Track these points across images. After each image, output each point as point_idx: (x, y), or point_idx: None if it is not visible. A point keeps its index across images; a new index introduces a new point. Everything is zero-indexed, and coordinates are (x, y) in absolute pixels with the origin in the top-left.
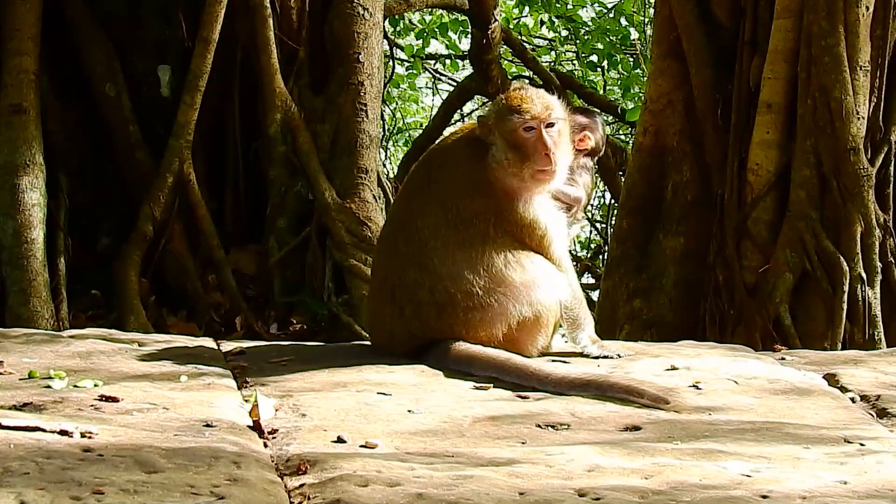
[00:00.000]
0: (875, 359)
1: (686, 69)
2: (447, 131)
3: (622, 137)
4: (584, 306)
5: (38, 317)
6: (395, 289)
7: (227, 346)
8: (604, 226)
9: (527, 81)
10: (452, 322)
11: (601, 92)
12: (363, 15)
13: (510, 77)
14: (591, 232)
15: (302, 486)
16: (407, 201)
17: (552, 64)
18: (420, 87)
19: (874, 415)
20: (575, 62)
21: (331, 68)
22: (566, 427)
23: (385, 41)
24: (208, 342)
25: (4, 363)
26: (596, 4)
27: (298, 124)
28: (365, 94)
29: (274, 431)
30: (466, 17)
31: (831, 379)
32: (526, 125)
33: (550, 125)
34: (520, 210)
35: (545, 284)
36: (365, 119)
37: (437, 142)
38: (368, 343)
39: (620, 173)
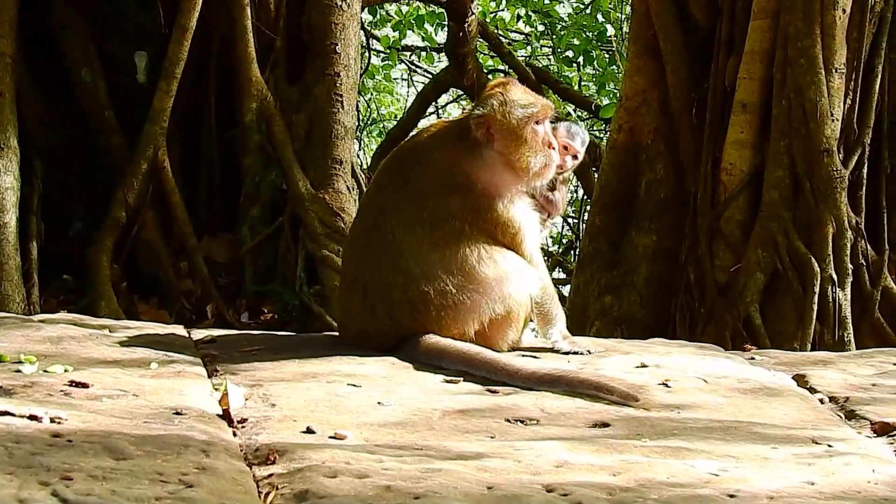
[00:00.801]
0: (844, 360)
1: (662, 67)
2: (422, 124)
3: (597, 134)
4: (555, 302)
5: (9, 301)
6: (367, 287)
7: (198, 334)
8: (576, 221)
9: (504, 75)
10: (425, 320)
11: (576, 88)
12: (341, 6)
13: (486, 71)
14: (563, 227)
15: (270, 475)
16: (380, 198)
17: (528, 59)
18: (395, 79)
19: (842, 416)
20: (550, 57)
21: (307, 59)
22: (535, 422)
23: (362, 32)
24: (179, 330)
25: None
26: (573, 0)
27: (273, 114)
28: (341, 84)
29: (243, 421)
30: (443, 10)
31: (800, 379)
32: (537, 119)
33: (550, 121)
34: (499, 208)
35: (517, 280)
36: (340, 110)
37: (409, 137)
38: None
39: (594, 169)
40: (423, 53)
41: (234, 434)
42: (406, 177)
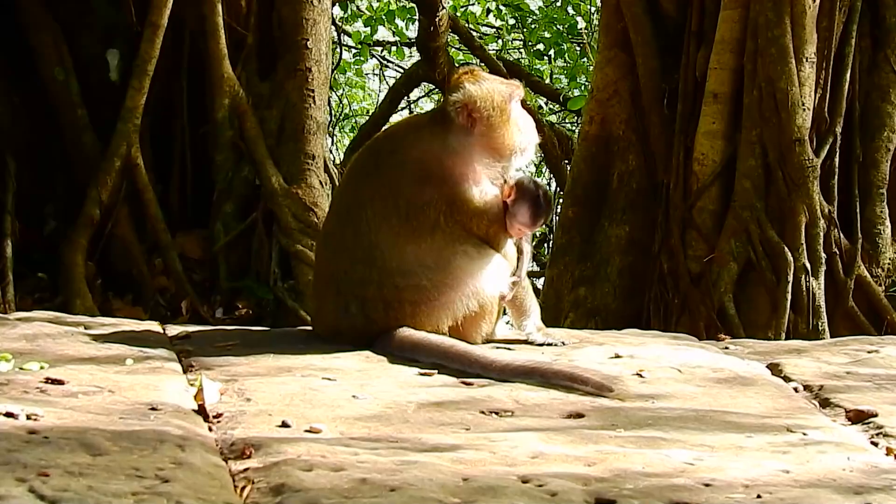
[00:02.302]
0: (818, 349)
1: (632, 59)
2: (394, 118)
3: (568, 126)
4: (529, 294)
5: None
6: (341, 284)
7: (173, 330)
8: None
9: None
10: (399, 317)
11: (547, 81)
12: (311, 1)
13: (457, 65)
14: None
15: (246, 470)
16: (354, 190)
17: (499, 52)
18: (367, 74)
19: (817, 404)
20: (522, 51)
21: (279, 54)
22: (510, 414)
23: (333, 27)
24: (154, 326)
25: None
26: None
27: (246, 110)
28: (312, 80)
29: (219, 416)
30: (414, 5)
31: (775, 368)
32: (518, 97)
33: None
34: (475, 199)
35: (491, 274)
36: (312, 105)
37: (383, 129)
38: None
39: (566, 162)
40: (395, 48)
41: (210, 429)
42: (380, 166)
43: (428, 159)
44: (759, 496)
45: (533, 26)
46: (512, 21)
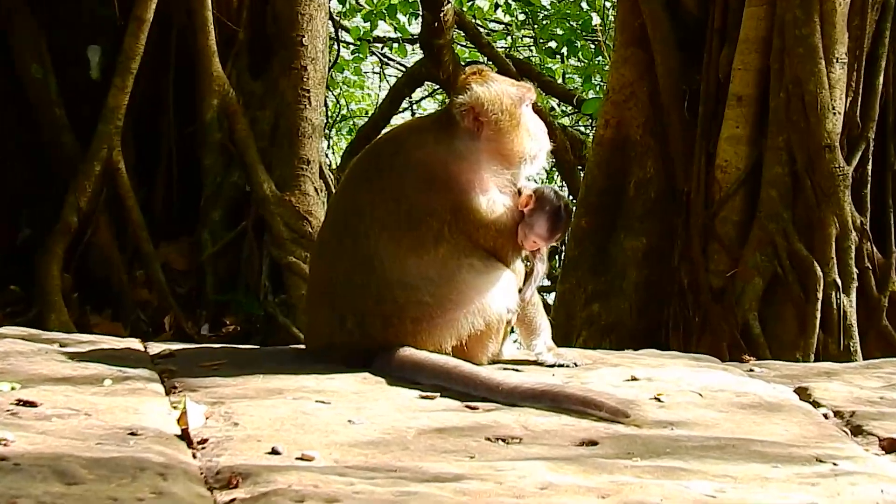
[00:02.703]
0: (850, 372)
1: (651, 58)
2: (395, 120)
3: (582, 129)
4: (540, 311)
5: None
6: (337, 297)
7: (155, 347)
8: None
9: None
10: (399, 333)
11: (560, 81)
12: None
13: (463, 63)
14: None
15: (233, 500)
16: (353, 197)
17: (508, 50)
18: (366, 73)
19: (848, 432)
20: (532, 48)
21: (272, 51)
22: (518, 441)
23: (330, 23)
24: (134, 343)
25: None
26: None
27: (236, 110)
28: (308, 79)
29: (204, 441)
30: None
31: (803, 393)
32: (526, 100)
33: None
34: (481, 208)
35: (499, 290)
36: (307, 106)
37: (384, 132)
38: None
39: (579, 168)
40: (396, 45)
41: (194, 456)
42: (381, 172)
43: (432, 165)
44: None
45: (544, 22)
46: (522, 17)
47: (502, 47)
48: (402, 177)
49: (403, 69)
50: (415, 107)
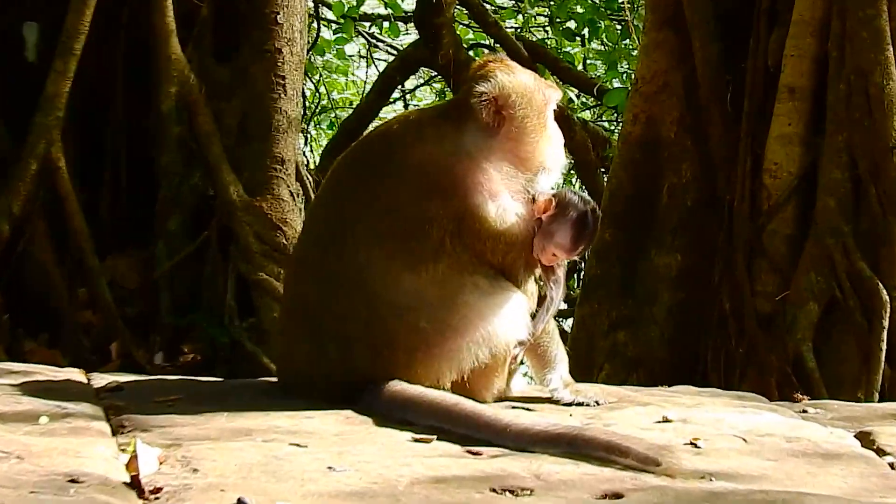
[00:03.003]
0: None
1: (687, 42)
2: (385, 113)
3: (605, 125)
4: (554, 340)
5: None
6: (317, 320)
7: (100, 379)
8: None
9: (490, 51)
10: (390, 365)
11: (580, 67)
12: None
13: (465, 46)
14: None
15: None
16: (337, 201)
17: (519, 31)
18: (351, 56)
19: None
20: (548, 29)
21: (241, 31)
22: (529, 493)
23: None
24: (76, 374)
25: None
26: None
27: (198, 100)
28: (283, 63)
29: (157, 490)
30: None
31: (865, 438)
32: (557, 102)
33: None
34: (490, 216)
35: (508, 314)
36: (282, 96)
37: (375, 127)
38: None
39: (602, 171)
40: (387, 24)
41: None
42: (373, 173)
43: (433, 166)
44: None
45: None
46: None
47: (512, 27)
48: (396, 180)
49: (395, 52)
50: (408, 97)
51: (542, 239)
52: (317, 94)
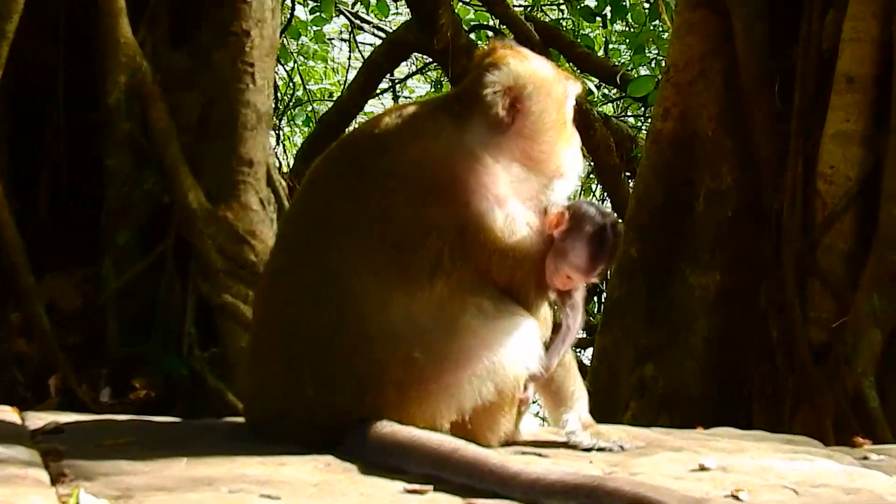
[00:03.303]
0: None
1: (727, 24)
2: (371, 108)
3: (630, 120)
4: (572, 374)
5: None
6: (293, 353)
7: (37, 419)
8: None
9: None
10: (378, 403)
11: (601, 53)
12: None
13: (466, 28)
14: None
15: None
16: (316, 209)
17: (529, 10)
18: (331, 40)
19: None
20: (563, 8)
21: (202, 11)
22: None
23: None
24: (8, 413)
25: None
26: None
27: (152, 92)
28: (252, 48)
29: None
30: None
31: None
32: (575, 96)
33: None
34: (497, 227)
35: (516, 342)
36: (250, 86)
37: (364, 123)
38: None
39: (627, 175)
40: (373, 2)
41: None
42: (360, 174)
43: (431, 164)
44: None
45: None
46: None
47: (521, 6)
48: (387, 182)
49: (383, 36)
50: (398, 88)
51: (555, 259)
52: (290, 84)
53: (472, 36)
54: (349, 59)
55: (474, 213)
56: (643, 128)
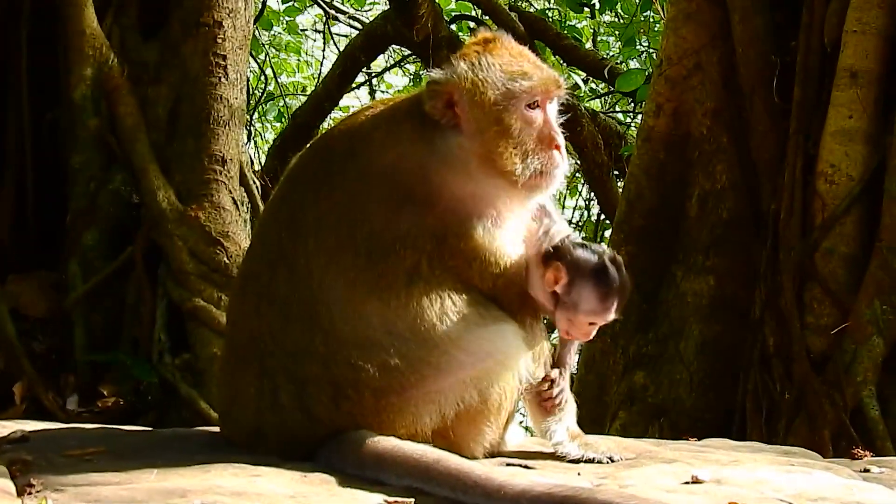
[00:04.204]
0: None
1: (725, 14)
2: (346, 102)
3: (619, 117)
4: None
5: None
6: (267, 359)
7: (2, 428)
8: None
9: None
10: (358, 413)
11: (588, 45)
12: None
13: (447, 18)
14: None
15: None
16: (290, 213)
17: (514, 0)
18: (305, 31)
19: None
20: None
21: (171, 1)
22: None
23: None
24: None
25: None
26: None
27: (119, 86)
28: (223, 40)
29: None
30: None
31: None
32: (530, 100)
33: (552, 102)
34: (476, 234)
35: (500, 348)
36: (222, 80)
37: (339, 122)
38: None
39: (616, 174)
40: None
41: None
42: (334, 177)
43: (406, 171)
44: None
45: None
46: None
47: None
48: (361, 188)
49: (359, 26)
50: (375, 82)
51: (567, 313)
52: (262, 78)
53: (454, 27)
54: (323, 51)
55: (453, 222)
56: (633, 124)
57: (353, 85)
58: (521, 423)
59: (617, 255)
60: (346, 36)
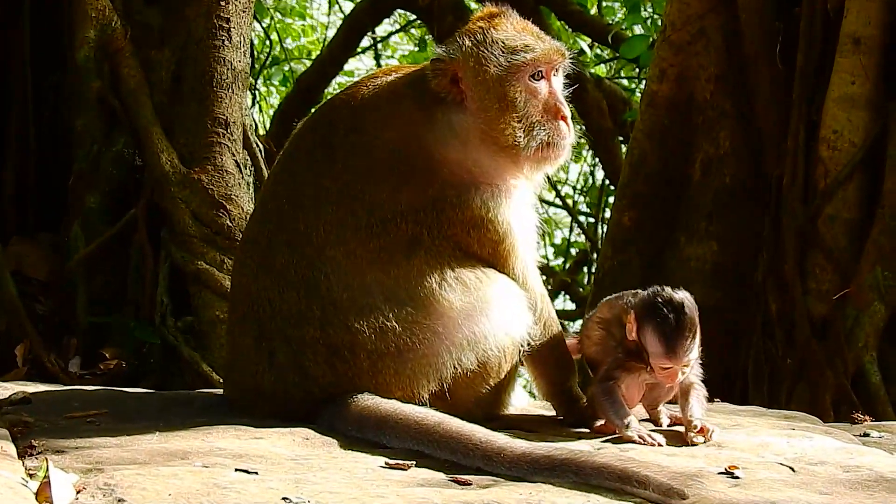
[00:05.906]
0: None
1: None
2: (350, 66)
3: (624, 82)
4: (560, 347)
5: None
6: (265, 321)
7: (4, 390)
8: (592, 221)
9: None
10: (354, 374)
11: (593, 11)
12: None
13: None
14: (571, 230)
15: None
16: (291, 183)
17: None
18: None
19: None
20: None
21: None
22: None
23: None
24: None
25: None
26: None
27: (122, 48)
28: (227, 3)
29: None
30: None
31: None
32: (534, 71)
33: (556, 73)
34: (476, 205)
35: (499, 313)
36: (226, 43)
37: (342, 90)
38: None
39: (620, 139)
40: None
41: None
42: (335, 150)
43: (407, 143)
44: None
45: None
46: None
47: None
48: (362, 161)
49: None
50: (380, 47)
51: (650, 360)
52: (267, 42)
53: None
54: (329, 15)
55: (453, 194)
56: (637, 90)
57: (358, 50)
58: (524, 386)
59: (681, 296)
60: (352, 1)
